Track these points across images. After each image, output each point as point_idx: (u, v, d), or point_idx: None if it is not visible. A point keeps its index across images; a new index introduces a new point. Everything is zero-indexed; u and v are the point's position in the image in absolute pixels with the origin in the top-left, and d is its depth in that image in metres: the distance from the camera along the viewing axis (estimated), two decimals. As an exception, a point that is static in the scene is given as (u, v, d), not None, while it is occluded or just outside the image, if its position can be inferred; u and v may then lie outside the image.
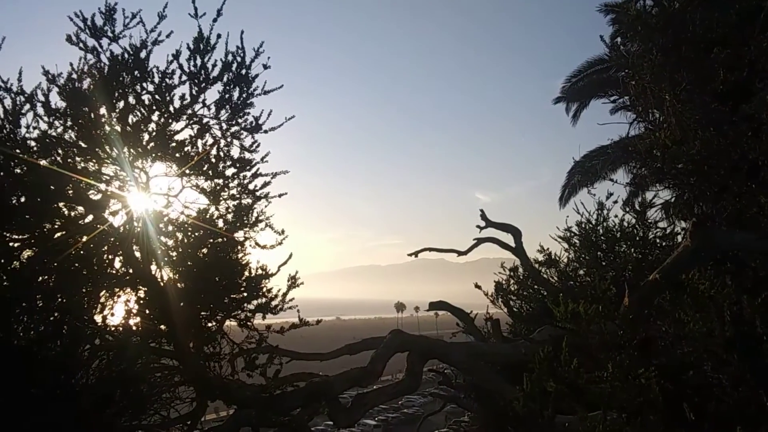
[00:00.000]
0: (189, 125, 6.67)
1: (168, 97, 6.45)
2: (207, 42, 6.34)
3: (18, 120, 6.00)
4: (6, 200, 6.04)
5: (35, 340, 5.95)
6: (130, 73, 6.29)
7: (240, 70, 6.58)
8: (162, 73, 6.36)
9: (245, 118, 6.82)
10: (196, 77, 6.44)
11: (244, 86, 6.66)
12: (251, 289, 7.16)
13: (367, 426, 59.89)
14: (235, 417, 6.58)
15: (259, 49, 6.56)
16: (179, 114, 6.54)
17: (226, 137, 6.85)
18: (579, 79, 19.56)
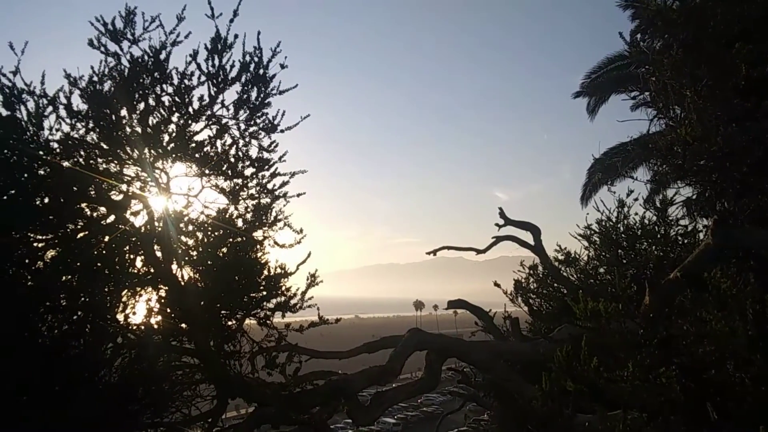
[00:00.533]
0: (208, 126, 6.74)
1: (187, 98, 6.52)
2: (224, 42, 6.40)
3: (41, 122, 6.08)
4: (30, 201, 6.13)
5: (59, 338, 6.03)
6: (150, 74, 6.36)
7: (258, 71, 6.63)
8: (181, 74, 6.43)
9: (263, 118, 6.87)
10: (214, 78, 6.50)
11: (261, 86, 6.71)
12: (270, 288, 7.21)
13: (386, 424, 59.94)
14: (255, 414, 6.63)
15: (276, 49, 6.63)
16: (198, 115, 6.61)
17: (245, 137, 6.92)
18: (598, 75, 19.35)
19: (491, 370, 7.88)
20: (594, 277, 10.40)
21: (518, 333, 8.25)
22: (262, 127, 6.88)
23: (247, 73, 6.60)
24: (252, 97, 6.73)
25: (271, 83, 6.74)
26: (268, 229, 7.21)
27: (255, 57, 6.59)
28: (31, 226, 6.14)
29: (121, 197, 6.46)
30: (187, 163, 6.71)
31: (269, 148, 6.98)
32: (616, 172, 17.30)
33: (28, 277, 6.13)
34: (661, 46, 7.77)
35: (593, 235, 10.64)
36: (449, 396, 47.60)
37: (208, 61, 6.44)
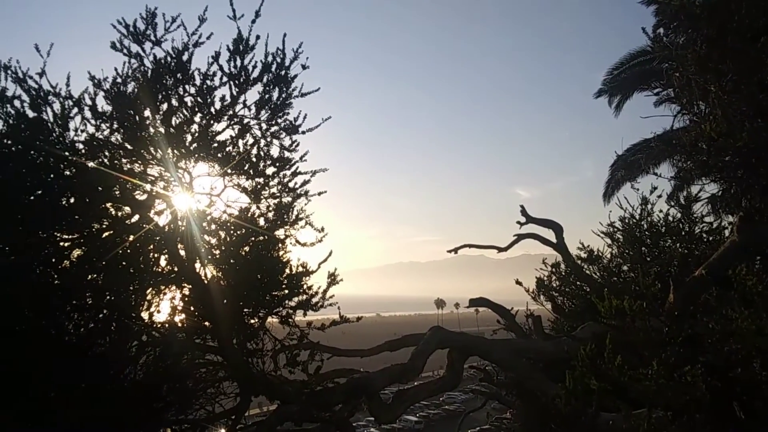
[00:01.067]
0: (230, 126, 6.78)
1: (209, 98, 6.56)
2: (246, 43, 6.43)
3: (67, 123, 6.16)
4: (56, 201, 6.22)
5: (85, 336, 6.11)
6: (172, 75, 6.42)
7: (279, 71, 6.65)
8: (203, 75, 6.47)
9: (284, 118, 6.89)
10: (236, 78, 6.53)
11: (283, 87, 6.73)
12: (292, 287, 7.24)
13: (408, 422, 59.97)
14: (278, 412, 6.66)
15: (298, 49, 6.65)
16: (220, 115, 6.65)
17: (266, 137, 6.95)
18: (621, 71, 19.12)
19: (513, 368, 7.84)
20: (617, 275, 10.30)
21: (541, 331, 8.20)
22: (283, 127, 6.91)
23: (268, 74, 6.63)
24: (273, 98, 6.76)
25: (293, 83, 6.77)
26: (290, 227, 7.24)
27: (277, 58, 6.62)
28: (57, 225, 6.23)
29: (145, 197, 6.53)
30: (209, 163, 6.76)
31: (290, 147, 7.01)
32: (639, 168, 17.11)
33: (54, 276, 6.22)
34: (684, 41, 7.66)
35: (616, 233, 10.54)
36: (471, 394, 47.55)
37: (230, 62, 6.47)
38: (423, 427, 62.15)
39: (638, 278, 6.19)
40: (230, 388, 7.18)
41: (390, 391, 7.72)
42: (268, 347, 7.40)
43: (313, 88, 6.86)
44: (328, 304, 7.38)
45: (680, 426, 5.09)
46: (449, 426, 54.59)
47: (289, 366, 7.35)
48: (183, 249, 6.64)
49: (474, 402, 16.71)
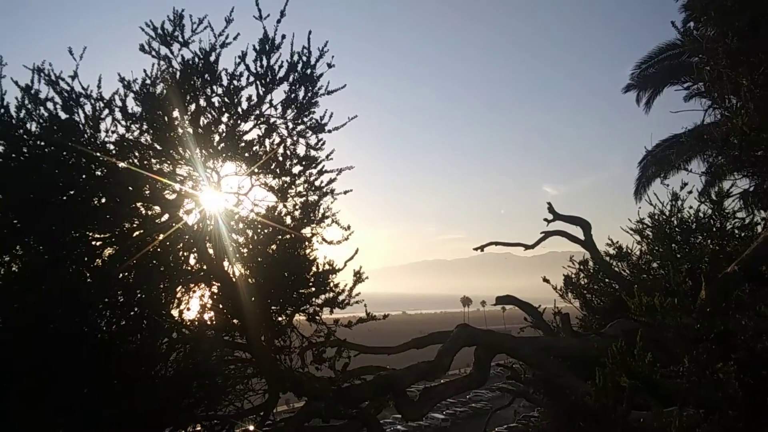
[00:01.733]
0: (257, 125, 6.81)
1: (236, 98, 6.60)
2: (272, 43, 6.45)
3: (98, 125, 6.25)
4: (88, 201, 6.32)
5: (117, 333, 6.20)
6: (200, 76, 6.47)
7: (305, 70, 6.67)
8: (230, 75, 6.51)
9: (310, 117, 6.91)
10: (262, 78, 6.56)
11: (309, 86, 6.75)
12: (319, 284, 7.26)
13: (435, 420, 59.77)
14: (305, 408, 6.69)
15: (324, 48, 6.65)
16: (247, 115, 6.69)
17: (293, 136, 6.97)
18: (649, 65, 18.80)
19: (541, 366, 7.77)
20: (647, 272, 10.16)
21: (569, 329, 8.12)
22: (309, 126, 6.93)
23: (294, 73, 6.64)
24: (299, 97, 6.78)
25: (318, 82, 6.78)
26: (316, 225, 7.25)
27: (302, 57, 6.63)
28: (89, 225, 6.34)
29: (175, 196, 6.61)
30: (236, 162, 6.81)
31: (316, 146, 7.03)
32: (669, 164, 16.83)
33: (86, 275, 6.33)
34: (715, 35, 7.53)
35: (646, 230, 10.40)
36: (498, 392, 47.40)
37: (256, 61, 6.50)
38: (449, 424, 61.94)
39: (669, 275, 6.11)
40: (258, 384, 7.24)
41: (416, 388, 7.71)
42: (295, 344, 7.44)
43: (339, 86, 6.85)
44: (354, 301, 7.39)
45: (712, 424, 5.00)
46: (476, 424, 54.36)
47: (316, 363, 7.38)
48: (211, 247, 6.71)
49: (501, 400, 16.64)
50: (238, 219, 7.02)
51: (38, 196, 5.95)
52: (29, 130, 6.15)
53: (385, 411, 7.25)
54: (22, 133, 6.12)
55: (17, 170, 5.94)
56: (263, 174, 6.93)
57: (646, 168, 19.32)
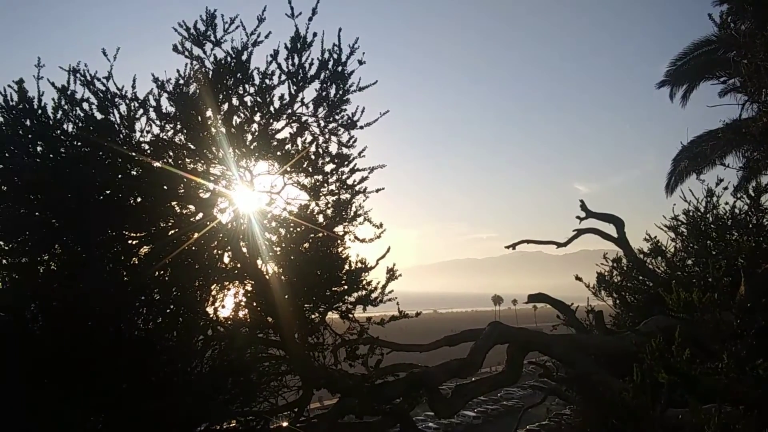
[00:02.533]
0: (289, 124, 6.81)
1: (268, 97, 6.61)
2: (304, 41, 6.43)
3: (133, 125, 6.30)
4: (124, 200, 6.42)
5: (153, 331, 6.28)
6: (232, 75, 6.48)
7: (336, 68, 6.65)
8: (262, 74, 6.51)
9: (342, 114, 6.90)
10: (294, 76, 6.55)
11: (340, 83, 6.72)
12: (351, 282, 7.23)
13: (466, 417, 59.55)
14: (339, 404, 6.72)
15: (354, 45, 6.61)
16: (279, 113, 6.68)
17: (324, 134, 6.95)
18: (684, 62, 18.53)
19: (574, 363, 7.71)
20: (681, 269, 10.02)
21: (602, 326, 8.04)
22: (341, 123, 6.91)
23: (325, 71, 6.63)
24: (331, 94, 6.75)
25: (350, 80, 6.75)
26: (348, 224, 7.25)
27: (333, 54, 6.61)
28: (125, 224, 6.42)
29: (208, 195, 6.65)
30: (269, 161, 6.81)
31: (348, 144, 7.01)
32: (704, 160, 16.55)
33: (123, 273, 6.42)
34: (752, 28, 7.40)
35: (680, 226, 10.26)
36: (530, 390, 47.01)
37: (288, 60, 6.49)
38: (481, 422, 61.69)
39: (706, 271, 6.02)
40: (292, 381, 7.28)
41: (448, 386, 7.71)
42: (328, 341, 7.45)
43: (371, 82, 6.84)
44: (387, 299, 7.39)
45: (751, 421, 4.92)
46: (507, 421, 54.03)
47: (349, 360, 7.39)
48: (245, 246, 6.75)
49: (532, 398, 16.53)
50: (271, 217, 7.05)
51: (76, 196, 6.01)
52: (66, 130, 6.21)
53: (416, 408, 7.26)
54: (60, 133, 6.19)
55: (55, 170, 5.99)
56: (295, 172, 6.93)
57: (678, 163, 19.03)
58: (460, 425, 57.69)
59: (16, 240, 6.16)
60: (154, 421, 5.53)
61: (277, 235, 7.10)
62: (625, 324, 9.84)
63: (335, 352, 7.43)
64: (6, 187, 6.19)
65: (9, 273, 6.13)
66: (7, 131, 6.08)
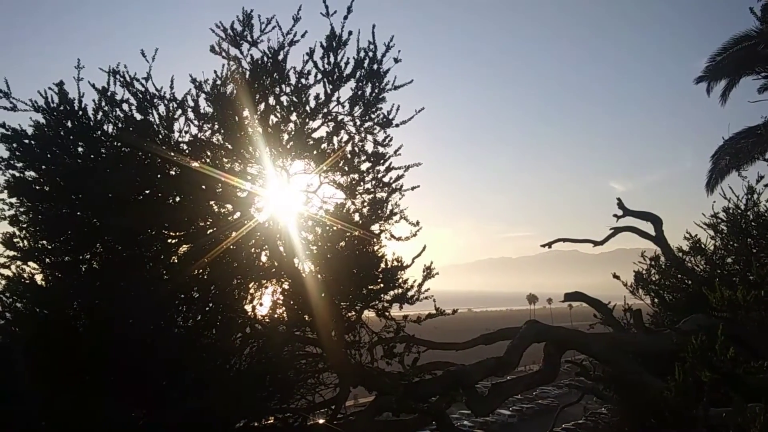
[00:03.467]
0: (325, 123, 6.78)
1: (304, 97, 6.59)
2: (339, 39, 6.39)
3: (171, 125, 6.34)
4: (164, 200, 6.52)
5: (193, 328, 6.37)
6: (269, 75, 6.47)
7: (372, 66, 6.60)
8: (298, 73, 6.50)
9: (378, 113, 6.86)
10: (330, 75, 6.51)
11: (376, 82, 6.68)
12: (387, 280, 7.17)
13: (501, 416, 59.11)
14: (376, 402, 6.71)
15: (390, 43, 6.55)
16: (315, 113, 6.66)
17: (360, 133, 6.91)
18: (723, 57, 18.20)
19: (612, 362, 7.60)
20: (721, 268, 9.84)
21: (641, 325, 7.92)
22: (376, 122, 6.86)
23: (361, 70, 6.59)
24: (366, 93, 6.71)
25: (385, 78, 6.71)
26: (384, 222, 7.21)
27: (369, 53, 6.56)
28: (164, 223, 6.52)
29: (246, 195, 6.66)
30: (305, 160, 6.80)
31: (384, 142, 6.96)
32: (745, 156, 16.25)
33: (163, 272, 6.53)
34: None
35: (720, 224, 10.08)
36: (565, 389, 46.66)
37: (323, 59, 6.47)
38: (516, 420, 61.25)
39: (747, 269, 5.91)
40: (329, 378, 7.31)
41: (483, 384, 7.68)
42: (365, 340, 7.45)
43: (407, 81, 6.78)
44: (423, 297, 7.37)
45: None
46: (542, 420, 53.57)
47: (386, 358, 7.35)
48: (282, 245, 6.80)
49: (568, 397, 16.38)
50: (308, 216, 7.09)
51: (116, 196, 6.10)
52: (106, 131, 6.27)
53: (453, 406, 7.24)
54: (100, 134, 6.25)
55: (96, 170, 6.04)
56: (331, 171, 6.90)
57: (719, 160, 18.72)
58: (495, 423, 57.35)
59: (58, 239, 6.25)
60: (193, 417, 5.61)
61: (313, 233, 7.10)
62: (663, 323, 9.69)
63: (371, 350, 7.43)
64: (49, 188, 6.31)
65: (52, 271, 6.23)
66: (49, 132, 6.17)
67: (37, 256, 6.12)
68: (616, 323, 8.92)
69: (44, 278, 6.16)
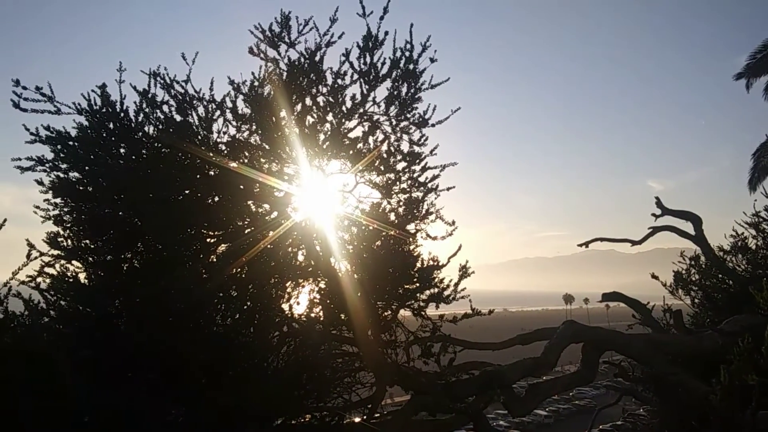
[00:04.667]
0: (361, 123, 6.75)
1: (340, 97, 6.57)
2: (375, 39, 6.34)
3: (210, 126, 6.36)
4: (203, 200, 6.57)
5: (231, 326, 6.40)
6: (306, 76, 6.47)
7: (408, 66, 6.55)
8: (335, 74, 6.47)
9: (413, 112, 6.81)
10: (366, 75, 6.47)
11: (412, 81, 6.63)
12: (423, 280, 7.13)
13: (538, 416, 58.62)
14: (413, 402, 6.67)
15: (426, 43, 6.48)
16: (351, 113, 6.63)
17: (396, 132, 6.85)
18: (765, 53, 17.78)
19: (652, 363, 7.45)
20: (763, 267, 9.58)
21: (681, 325, 7.75)
22: (412, 121, 6.80)
23: (397, 69, 6.54)
24: (402, 93, 6.66)
25: (421, 78, 6.65)
26: (420, 222, 7.17)
27: (405, 52, 6.51)
28: (204, 222, 6.57)
29: (283, 194, 6.66)
30: (341, 160, 6.79)
31: (420, 142, 6.91)
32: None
33: (202, 271, 6.57)
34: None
35: (761, 223, 9.82)
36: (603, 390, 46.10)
37: (360, 59, 6.44)
38: (552, 421, 60.74)
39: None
40: (365, 377, 7.30)
41: (520, 384, 7.59)
42: (401, 339, 7.42)
43: (443, 79, 6.71)
44: (459, 297, 7.32)
45: None
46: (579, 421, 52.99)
47: (422, 357, 7.30)
48: (318, 244, 6.81)
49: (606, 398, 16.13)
50: (344, 216, 7.08)
51: (157, 196, 6.17)
52: (147, 132, 6.30)
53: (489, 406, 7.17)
54: (141, 135, 6.28)
55: (137, 171, 6.10)
56: (367, 171, 6.87)
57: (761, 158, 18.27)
58: (532, 424, 56.98)
59: (101, 239, 6.32)
60: (231, 415, 5.64)
61: (349, 233, 7.10)
62: (704, 323, 9.48)
63: (408, 350, 7.39)
64: (91, 188, 6.39)
65: (95, 270, 6.31)
66: (92, 134, 6.25)
67: (80, 255, 6.17)
68: (656, 324, 8.74)
69: (87, 277, 6.22)
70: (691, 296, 10.43)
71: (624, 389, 9.98)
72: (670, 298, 10.16)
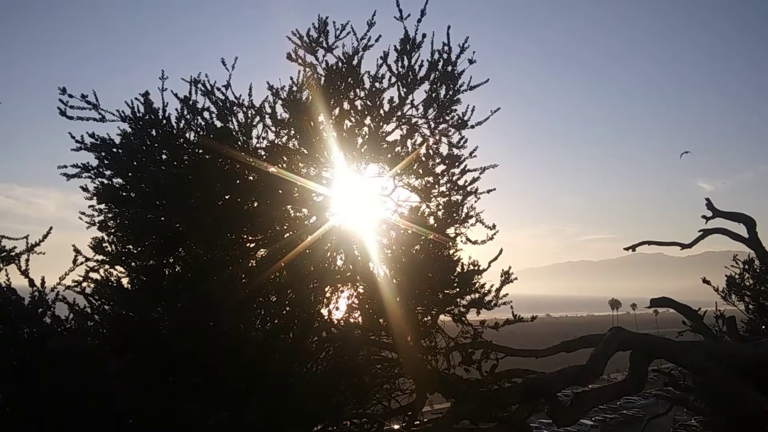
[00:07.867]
0: (399, 126, 6.69)
1: (378, 101, 6.52)
2: (413, 42, 6.30)
3: (250, 131, 6.38)
4: (242, 205, 6.56)
5: (270, 331, 6.36)
6: (343, 80, 6.45)
7: (446, 68, 6.46)
8: (372, 77, 6.44)
9: (452, 115, 6.71)
10: (404, 78, 6.43)
11: (450, 83, 6.53)
12: (464, 285, 7.00)
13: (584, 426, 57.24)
14: (454, 410, 6.49)
15: (464, 44, 6.39)
16: (389, 116, 6.58)
17: (435, 135, 6.77)
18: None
19: (705, 372, 7.10)
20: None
21: (735, 332, 7.36)
22: (451, 123, 6.70)
23: (435, 72, 6.46)
24: (441, 95, 6.58)
25: (460, 79, 6.55)
26: (460, 225, 7.04)
27: (443, 54, 6.44)
28: (244, 227, 6.56)
29: (321, 199, 6.65)
30: (380, 164, 6.75)
31: (459, 144, 6.79)
32: None
33: (242, 276, 6.55)
34: None
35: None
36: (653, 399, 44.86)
37: (397, 62, 6.40)
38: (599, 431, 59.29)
39: None
40: (405, 384, 7.16)
41: (564, 393, 7.32)
42: (441, 345, 7.28)
43: (482, 80, 6.61)
44: (501, 302, 7.12)
45: None
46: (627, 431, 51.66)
47: (463, 364, 7.14)
48: (357, 248, 6.73)
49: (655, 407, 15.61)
50: (382, 220, 7.00)
51: (198, 201, 6.22)
52: (188, 138, 6.39)
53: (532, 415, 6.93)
54: (182, 141, 6.38)
55: (179, 176, 6.17)
56: (406, 174, 6.80)
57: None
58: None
59: (143, 244, 6.40)
60: (271, 420, 5.58)
61: (387, 237, 7.02)
62: (760, 330, 9.02)
63: (448, 356, 7.24)
64: (135, 194, 6.47)
65: (138, 275, 6.37)
66: (135, 141, 6.34)
67: (123, 260, 6.26)
68: (708, 331, 8.34)
69: (130, 282, 6.29)
70: (745, 302, 9.94)
71: (675, 399, 9.60)
72: (723, 304, 9.71)
